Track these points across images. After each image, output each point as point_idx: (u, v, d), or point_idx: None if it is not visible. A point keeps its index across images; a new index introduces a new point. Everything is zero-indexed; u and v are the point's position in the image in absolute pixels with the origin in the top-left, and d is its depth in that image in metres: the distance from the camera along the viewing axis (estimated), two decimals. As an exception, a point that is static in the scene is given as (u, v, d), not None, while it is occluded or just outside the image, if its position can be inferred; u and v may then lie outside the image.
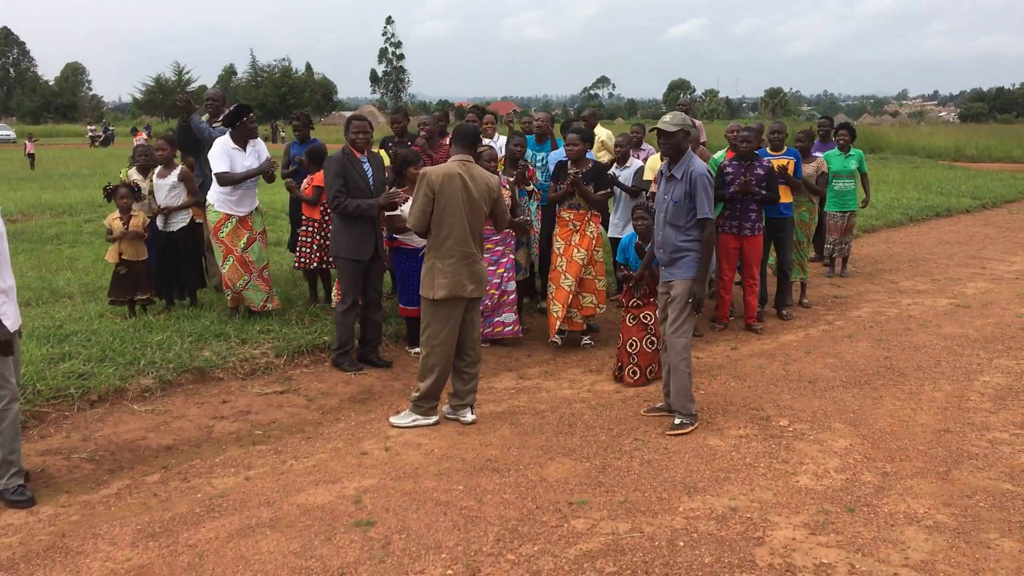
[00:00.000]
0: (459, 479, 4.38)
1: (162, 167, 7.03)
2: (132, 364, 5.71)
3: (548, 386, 5.96)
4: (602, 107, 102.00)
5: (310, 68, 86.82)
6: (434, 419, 5.18)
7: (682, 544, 3.72)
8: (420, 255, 6.04)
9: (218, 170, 6.54)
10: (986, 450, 4.77)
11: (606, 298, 7.00)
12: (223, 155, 6.56)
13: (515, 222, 6.33)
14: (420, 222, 4.99)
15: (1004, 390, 5.80)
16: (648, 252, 5.70)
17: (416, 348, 6.27)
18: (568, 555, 3.63)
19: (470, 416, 5.21)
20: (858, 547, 3.70)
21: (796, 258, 8.04)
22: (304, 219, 7.22)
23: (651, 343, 5.91)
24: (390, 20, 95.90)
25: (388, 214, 6.06)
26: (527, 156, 7.47)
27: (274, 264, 8.35)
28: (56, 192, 16.72)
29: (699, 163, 5.07)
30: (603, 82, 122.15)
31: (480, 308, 6.54)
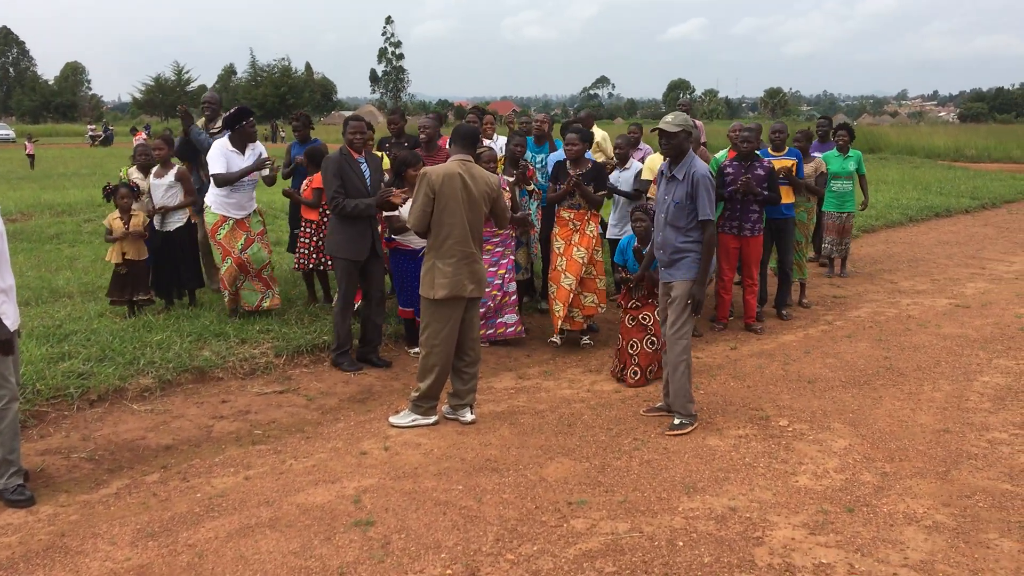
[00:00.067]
0: (458, 479, 4.38)
1: (159, 167, 7.02)
2: (132, 364, 5.71)
3: (547, 386, 5.97)
4: (601, 107, 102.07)
5: (310, 68, 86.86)
6: (433, 419, 5.18)
7: (681, 544, 3.72)
8: (419, 256, 6.05)
9: (215, 171, 6.55)
10: (985, 450, 4.78)
11: (606, 298, 7.00)
12: (221, 157, 6.57)
13: (516, 217, 6.32)
14: (420, 222, 4.99)
15: (1003, 390, 5.80)
16: (647, 254, 5.69)
17: (415, 348, 6.27)
18: (567, 555, 3.63)
19: (469, 416, 5.21)
20: (857, 547, 3.70)
21: (795, 258, 8.04)
22: (303, 221, 7.22)
23: (651, 343, 5.92)
24: (390, 20, 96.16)
25: (387, 215, 6.06)
26: (526, 157, 7.47)
27: (274, 264, 8.33)
28: (56, 192, 16.72)
29: (701, 164, 5.05)
30: (603, 82, 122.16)
31: (482, 310, 6.57)
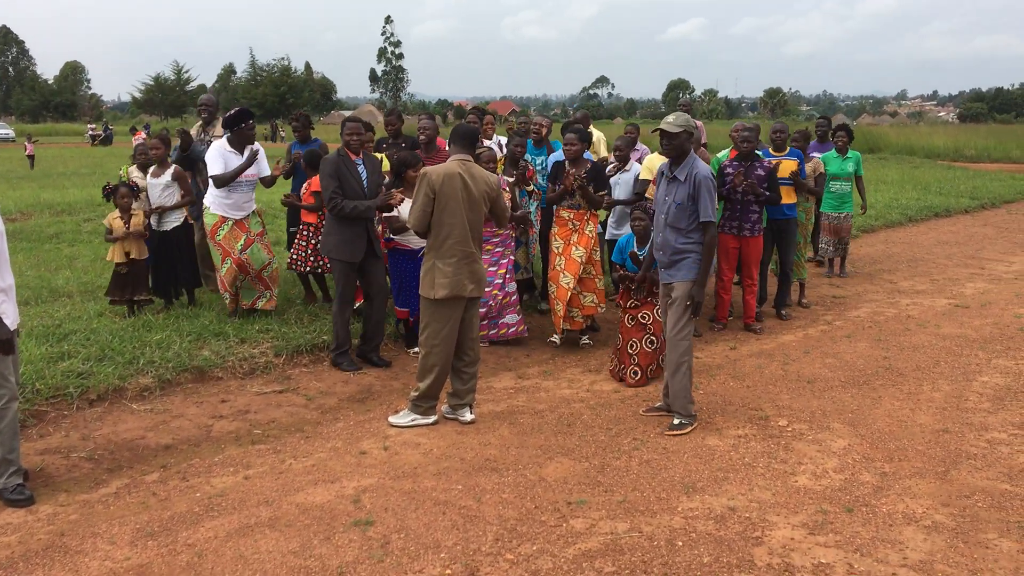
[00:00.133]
0: (458, 479, 4.38)
1: (156, 167, 7.00)
2: (131, 363, 5.71)
3: (547, 386, 5.97)
4: (601, 107, 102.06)
5: (309, 67, 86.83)
6: (433, 419, 5.18)
7: (681, 544, 3.73)
8: (419, 256, 6.05)
9: (213, 172, 6.55)
10: (984, 450, 4.78)
11: (604, 298, 7.00)
12: (219, 157, 6.57)
13: (516, 215, 6.31)
14: (421, 222, 4.99)
15: (1003, 390, 5.81)
16: (648, 255, 5.69)
17: (415, 348, 6.27)
18: (567, 555, 3.63)
19: (469, 416, 5.21)
20: (856, 547, 3.70)
21: (794, 258, 8.04)
22: (302, 223, 7.21)
23: (651, 343, 5.92)
24: (389, 19, 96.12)
25: (386, 215, 6.06)
26: (525, 158, 7.46)
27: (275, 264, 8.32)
28: (55, 191, 16.71)
29: (703, 165, 5.03)
30: (602, 82, 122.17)
31: (483, 310, 6.57)
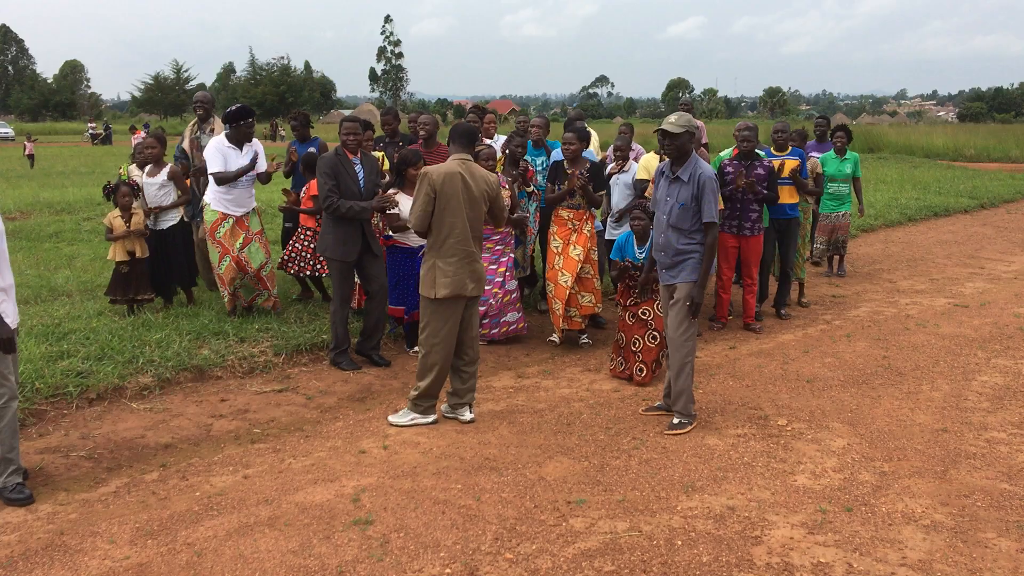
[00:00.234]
0: (457, 478, 4.38)
1: (151, 166, 6.98)
2: (131, 362, 5.71)
3: (546, 385, 5.97)
4: (600, 106, 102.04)
5: (309, 66, 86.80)
6: (432, 418, 5.18)
7: (680, 543, 3.73)
8: (418, 255, 6.05)
9: (213, 169, 6.56)
10: (984, 450, 4.78)
11: (601, 298, 6.99)
12: (218, 154, 6.57)
13: (513, 219, 6.30)
14: (421, 222, 4.99)
15: (1002, 390, 5.81)
16: (648, 256, 5.69)
17: (414, 347, 6.27)
18: (566, 554, 3.63)
19: (468, 415, 5.21)
20: (856, 546, 3.71)
21: (794, 258, 8.04)
22: (300, 227, 7.21)
23: (653, 338, 5.92)
24: (388, 18, 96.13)
25: (388, 212, 6.06)
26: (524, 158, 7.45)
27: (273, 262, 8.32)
28: (55, 190, 16.71)
29: (706, 166, 5.03)
30: (602, 81, 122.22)
31: (484, 309, 6.57)
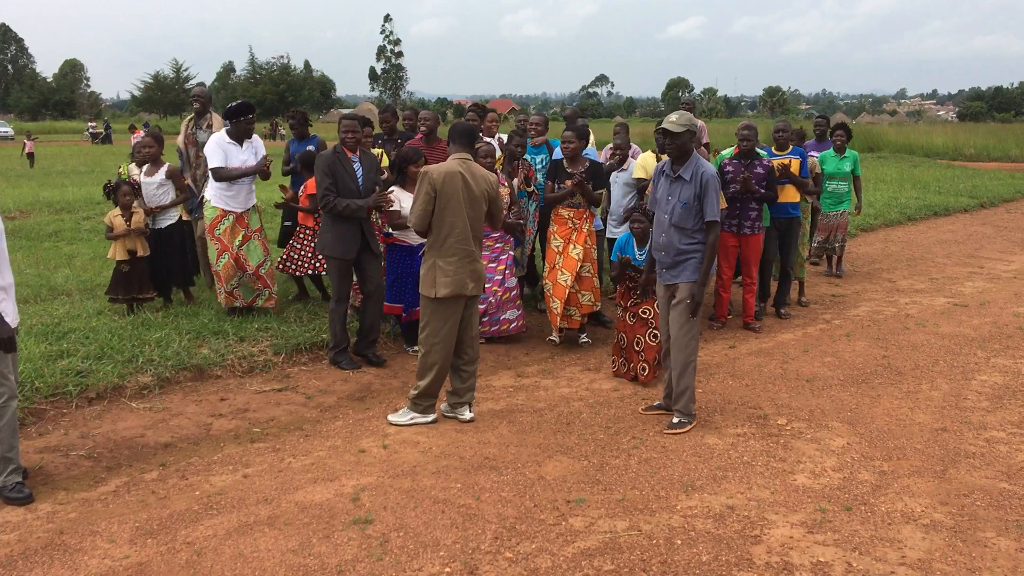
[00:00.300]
0: (457, 477, 4.39)
1: (149, 165, 6.96)
2: (130, 361, 5.71)
3: (546, 384, 5.97)
4: (600, 105, 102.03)
5: (309, 65, 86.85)
6: (432, 417, 5.18)
7: (680, 542, 3.73)
8: (418, 254, 6.05)
9: (214, 165, 6.55)
10: (983, 449, 4.79)
11: (600, 296, 6.99)
12: (218, 150, 6.57)
13: (508, 224, 6.29)
14: (422, 221, 4.98)
15: (1001, 389, 5.81)
16: (648, 256, 5.69)
17: (414, 346, 6.27)
18: (566, 553, 3.64)
19: (468, 414, 5.21)
20: (855, 546, 3.71)
21: (794, 257, 8.03)
22: (299, 227, 7.21)
23: (654, 336, 5.92)
24: (388, 18, 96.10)
25: (389, 209, 6.05)
26: (524, 157, 7.45)
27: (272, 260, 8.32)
28: (54, 189, 16.71)
29: (709, 165, 5.03)
30: (602, 80, 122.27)
31: (484, 307, 6.58)
